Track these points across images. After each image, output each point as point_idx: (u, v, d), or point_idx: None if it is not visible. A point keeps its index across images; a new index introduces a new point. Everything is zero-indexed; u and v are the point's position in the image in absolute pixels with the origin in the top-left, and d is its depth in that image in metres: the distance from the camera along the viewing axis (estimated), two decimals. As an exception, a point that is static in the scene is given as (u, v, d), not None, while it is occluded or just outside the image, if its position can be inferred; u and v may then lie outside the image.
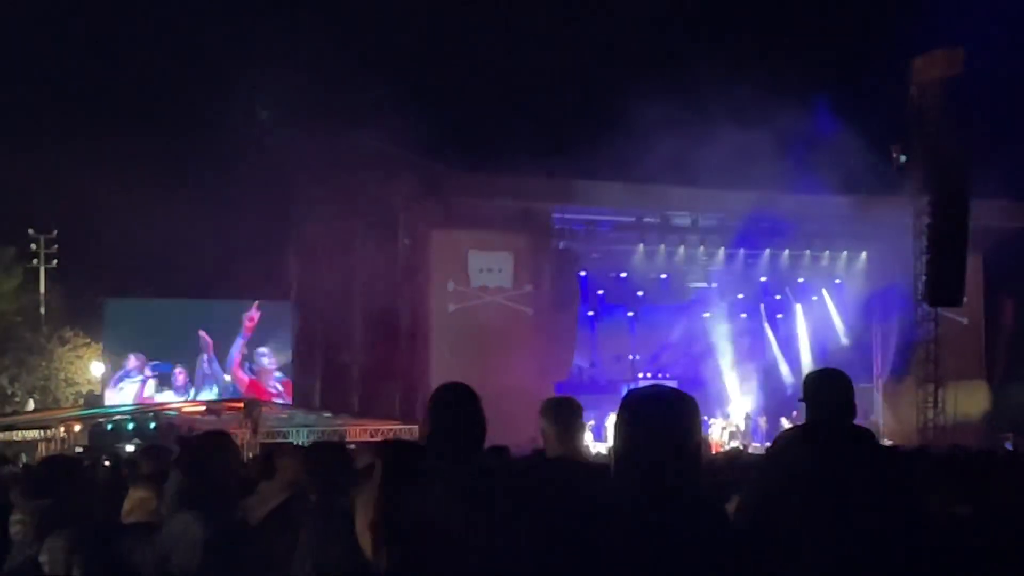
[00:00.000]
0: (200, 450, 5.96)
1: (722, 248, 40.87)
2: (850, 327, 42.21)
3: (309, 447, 7.42)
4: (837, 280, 42.86)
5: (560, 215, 39.05)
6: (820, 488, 3.78)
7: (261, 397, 38.23)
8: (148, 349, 40.85)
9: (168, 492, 5.72)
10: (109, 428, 30.93)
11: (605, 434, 32.91)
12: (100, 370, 43.51)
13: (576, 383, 41.25)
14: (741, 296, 44.18)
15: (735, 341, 45.59)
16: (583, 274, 40.85)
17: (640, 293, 43.12)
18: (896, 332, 40.94)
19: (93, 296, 44.16)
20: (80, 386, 48.72)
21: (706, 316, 44.55)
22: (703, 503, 3.98)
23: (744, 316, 45.45)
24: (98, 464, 14.32)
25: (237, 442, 6.52)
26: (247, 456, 18.14)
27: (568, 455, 5.82)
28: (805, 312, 43.69)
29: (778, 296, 44.21)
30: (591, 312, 43.22)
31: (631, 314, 44.49)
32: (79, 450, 26.96)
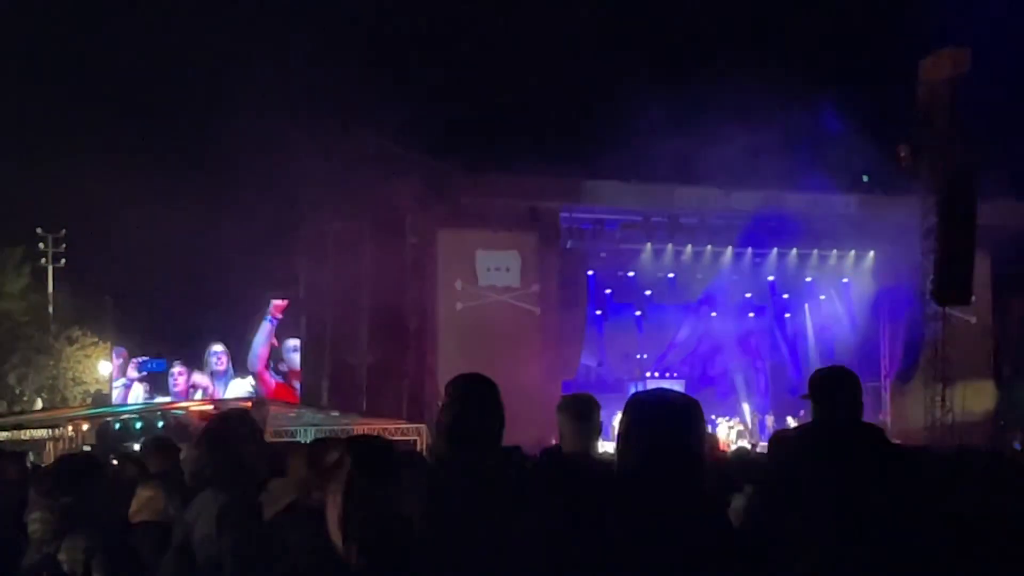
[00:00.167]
0: (221, 428, 5.94)
1: (729, 247, 40.79)
2: (858, 326, 42.16)
3: (311, 443, 7.42)
4: (845, 279, 42.79)
5: (568, 214, 39.00)
6: (832, 487, 3.78)
7: (290, 401, 38.45)
8: (154, 348, 40.83)
9: (185, 469, 5.71)
10: (117, 427, 30.98)
11: (612, 433, 32.92)
12: (108, 369, 43.57)
13: (583, 382, 41.23)
14: (749, 295, 44.19)
15: (742, 340, 45.62)
16: (591, 273, 40.85)
17: (648, 292, 43.14)
18: (904, 331, 40.89)
19: (101, 296, 44.27)
20: (88, 385, 48.77)
21: (713, 315, 44.57)
22: (705, 504, 3.99)
23: (752, 315, 45.48)
24: (106, 463, 14.30)
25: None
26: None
27: (585, 452, 5.84)
28: (812, 311, 43.65)
29: (785, 295, 44.15)
30: (599, 311, 43.27)
31: (638, 313, 44.56)
32: (87, 449, 26.99)
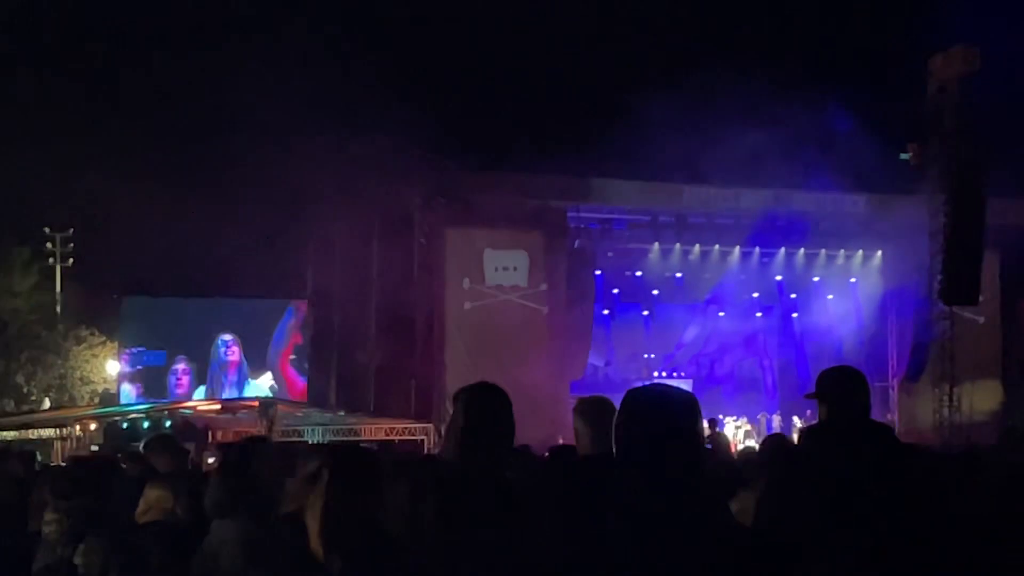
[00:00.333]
0: (240, 456, 5.93)
1: (737, 247, 40.78)
2: (865, 326, 42.09)
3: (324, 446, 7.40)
4: (852, 279, 42.73)
5: (575, 214, 38.99)
6: (844, 485, 3.78)
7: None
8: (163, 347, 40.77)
9: (209, 498, 5.69)
10: (125, 427, 30.99)
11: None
12: (116, 369, 43.60)
13: (591, 382, 41.25)
14: (756, 295, 44.17)
15: (750, 340, 45.63)
16: (598, 273, 40.82)
17: (655, 292, 43.15)
18: (911, 331, 40.80)
19: (109, 295, 44.27)
20: (96, 385, 48.81)
21: (721, 315, 44.57)
22: (706, 497, 3.99)
23: (759, 315, 45.47)
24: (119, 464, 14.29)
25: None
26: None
27: (601, 454, 5.85)
28: (820, 311, 43.57)
29: (793, 295, 44.11)
30: (606, 311, 43.27)
31: (646, 313, 44.57)
32: (95, 448, 27.02)
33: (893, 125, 37.48)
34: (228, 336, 40.70)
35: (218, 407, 32.40)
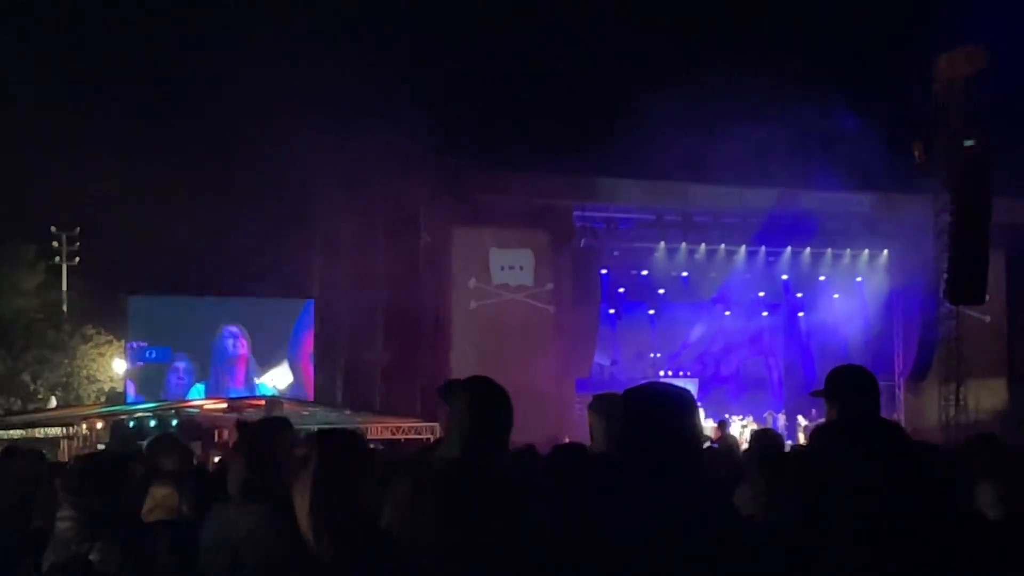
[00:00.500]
0: (260, 437, 5.88)
1: (743, 246, 40.81)
2: (871, 325, 42.05)
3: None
4: (858, 278, 42.71)
5: (581, 213, 39.00)
6: (858, 484, 3.79)
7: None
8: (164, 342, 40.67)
9: (231, 480, 5.64)
10: (131, 425, 30.98)
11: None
12: (122, 367, 43.59)
13: (597, 381, 41.26)
14: (762, 294, 44.16)
15: (756, 339, 45.62)
16: (604, 272, 40.83)
17: (661, 291, 43.13)
18: (917, 330, 40.84)
19: (115, 293, 44.26)
20: (102, 383, 48.79)
21: (727, 314, 44.56)
22: (704, 492, 4.02)
23: (765, 314, 45.45)
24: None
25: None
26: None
27: (610, 451, 5.85)
28: (826, 310, 43.54)
29: (799, 294, 44.09)
30: (612, 310, 43.23)
31: (652, 312, 44.52)
32: (101, 447, 27.03)
33: (899, 124, 37.48)
34: (235, 327, 39.76)
35: (224, 406, 32.41)
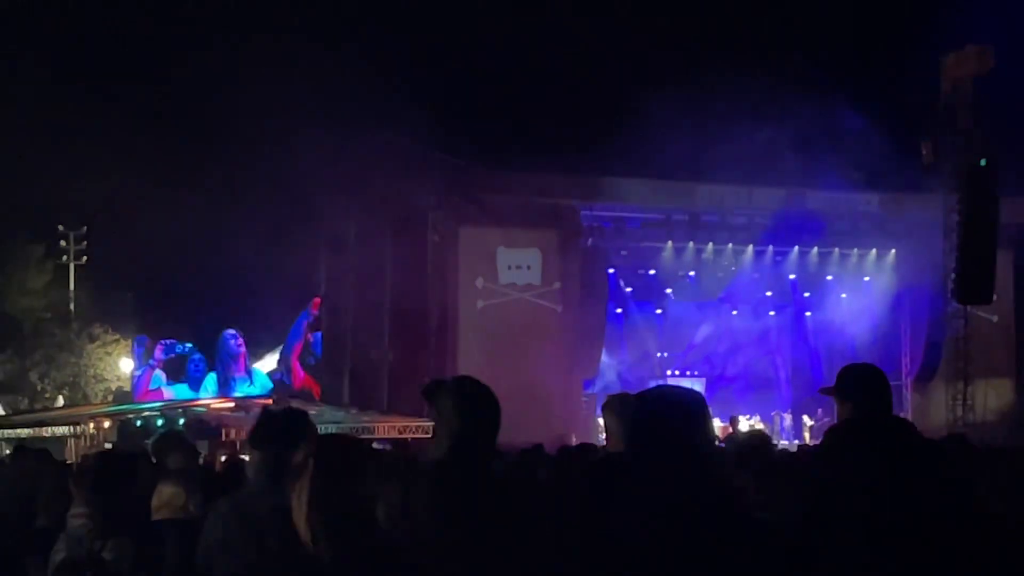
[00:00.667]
0: (278, 426, 5.85)
1: (751, 245, 40.74)
2: (879, 325, 41.94)
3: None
4: (866, 278, 42.59)
5: (588, 212, 38.92)
6: (876, 483, 3.78)
7: (315, 391, 38.62)
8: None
9: (250, 471, 5.62)
10: (138, 425, 31.04)
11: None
12: (129, 366, 43.67)
13: (604, 380, 41.31)
14: (769, 294, 44.08)
15: (763, 339, 45.55)
16: (611, 271, 40.77)
17: (668, 290, 43.09)
18: (925, 330, 40.75)
19: (123, 293, 44.37)
20: (109, 382, 48.91)
21: (734, 314, 44.49)
22: (716, 493, 4.01)
23: (772, 314, 45.37)
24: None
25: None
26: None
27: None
28: (833, 310, 43.47)
29: (806, 294, 44.02)
30: (619, 309, 43.18)
31: (659, 311, 44.46)
32: (108, 446, 27.06)
33: (906, 124, 37.45)
34: (233, 330, 40.69)
35: (231, 405, 32.45)
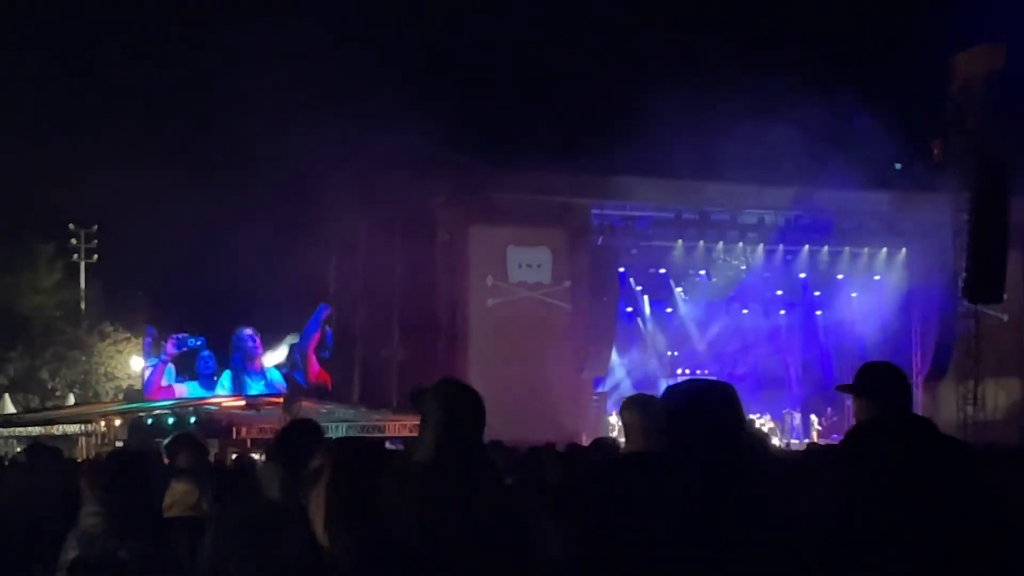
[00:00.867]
0: (293, 440, 5.86)
1: (761, 244, 40.74)
2: (889, 324, 41.88)
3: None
4: (877, 277, 42.55)
5: (599, 211, 38.92)
6: (904, 483, 3.78)
7: (328, 385, 38.67)
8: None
9: (267, 481, 5.62)
10: (149, 423, 31.06)
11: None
12: (139, 365, 43.71)
13: (614, 379, 41.36)
14: (780, 292, 44.07)
15: (773, 337, 45.52)
16: (622, 270, 40.78)
17: (679, 289, 43.13)
18: (936, 329, 40.68)
19: (133, 291, 44.42)
20: (120, 381, 48.96)
21: (744, 312, 44.49)
22: (750, 487, 4.01)
23: (782, 312, 45.35)
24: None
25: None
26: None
27: (651, 449, 5.85)
28: (844, 309, 43.44)
29: (817, 292, 44.00)
30: (629, 308, 43.20)
31: (669, 310, 44.48)
32: (119, 444, 27.10)
33: (917, 123, 37.43)
34: (249, 330, 40.60)
35: (243, 403, 32.46)
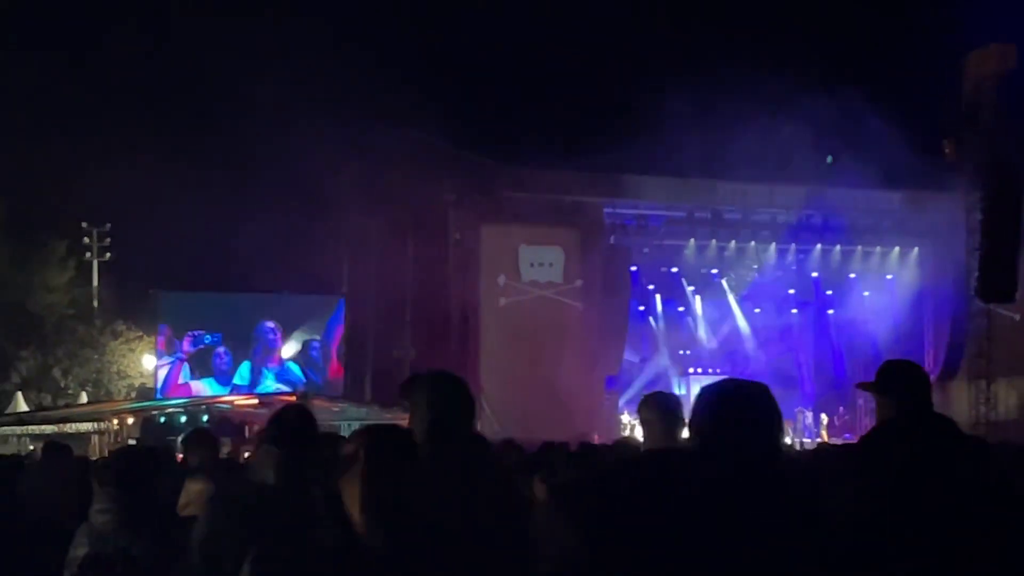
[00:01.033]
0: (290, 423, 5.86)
1: (773, 243, 40.74)
2: (901, 323, 41.84)
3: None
4: (889, 276, 42.55)
5: (611, 210, 38.95)
6: (936, 483, 3.79)
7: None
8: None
9: (262, 464, 5.62)
10: (162, 421, 31.14)
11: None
12: (152, 363, 43.76)
13: (626, 378, 41.32)
14: (792, 291, 44.04)
15: (785, 336, 45.47)
16: (634, 269, 40.78)
17: (691, 288, 43.13)
18: (948, 328, 40.65)
19: (146, 289, 44.40)
20: (132, 379, 49.02)
21: (757, 311, 44.45)
22: (786, 487, 4.02)
23: (795, 311, 45.31)
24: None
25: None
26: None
27: (672, 448, 5.86)
28: (856, 308, 43.41)
29: (829, 291, 43.97)
30: (641, 307, 43.19)
31: (681, 309, 44.46)
32: (131, 442, 27.15)
33: (929, 122, 37.38)
34: (272, 323, 40.67)
35: (255, 402, 32.53)
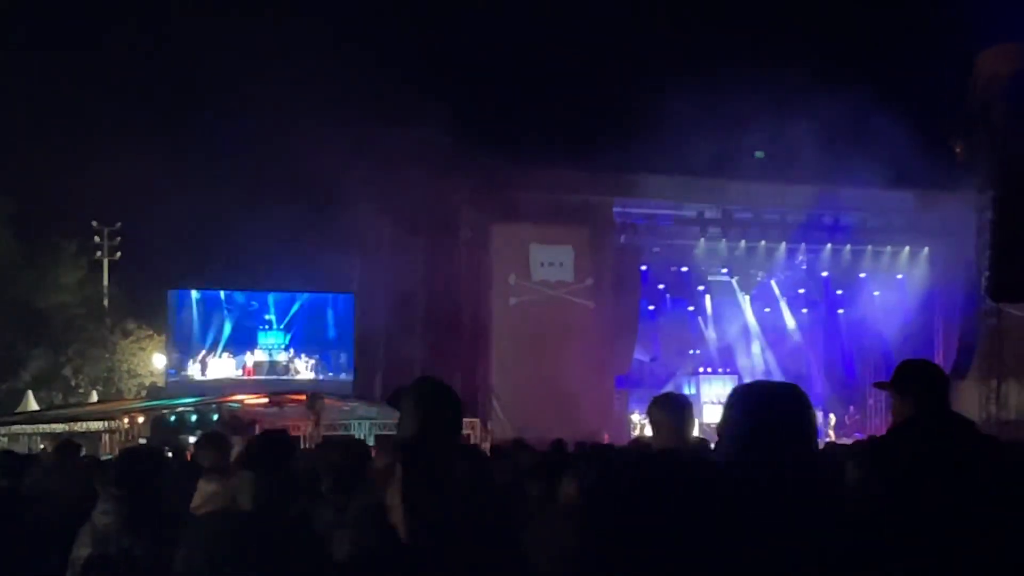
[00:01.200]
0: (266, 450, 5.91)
1: (783, 243, 40.75)
2: (911, 322, 41.81)
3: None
4: (899, 275, 42.51)
5: (621, 209, 38.99)
6: (953, 481, 3.80)
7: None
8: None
9: (239, 490, 5.67)
10: (172, 420, 31.18)
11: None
12: (162, 362, 43.80)
13: (636, 377, 41.32)
14: (802, 291, 44.05)
15: (795, 336, 45.45)
16: (644, 268, 40.80)
17: (701, 287, 43.15)
18: (958, 328, 40.59)
19: (156, 288, 44.43)
20: (143, 378, 49.09)
21: (767, 311, 44.45)
22: (818, 487, 4.02)
23: (805, 311, 45.29)
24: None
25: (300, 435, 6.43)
26: (308, 447, 18.28)
27: (682, 448, 5.87)
28: (866, 307, 43.39)
29: (839, 291, 43.95)
30: (652, 306, 43.20)
31: (692, 308, 44.47)
32: (142, 442, 27.18)
33: (939, 122, 37.32)
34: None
35: (265, 401, 32.53)
